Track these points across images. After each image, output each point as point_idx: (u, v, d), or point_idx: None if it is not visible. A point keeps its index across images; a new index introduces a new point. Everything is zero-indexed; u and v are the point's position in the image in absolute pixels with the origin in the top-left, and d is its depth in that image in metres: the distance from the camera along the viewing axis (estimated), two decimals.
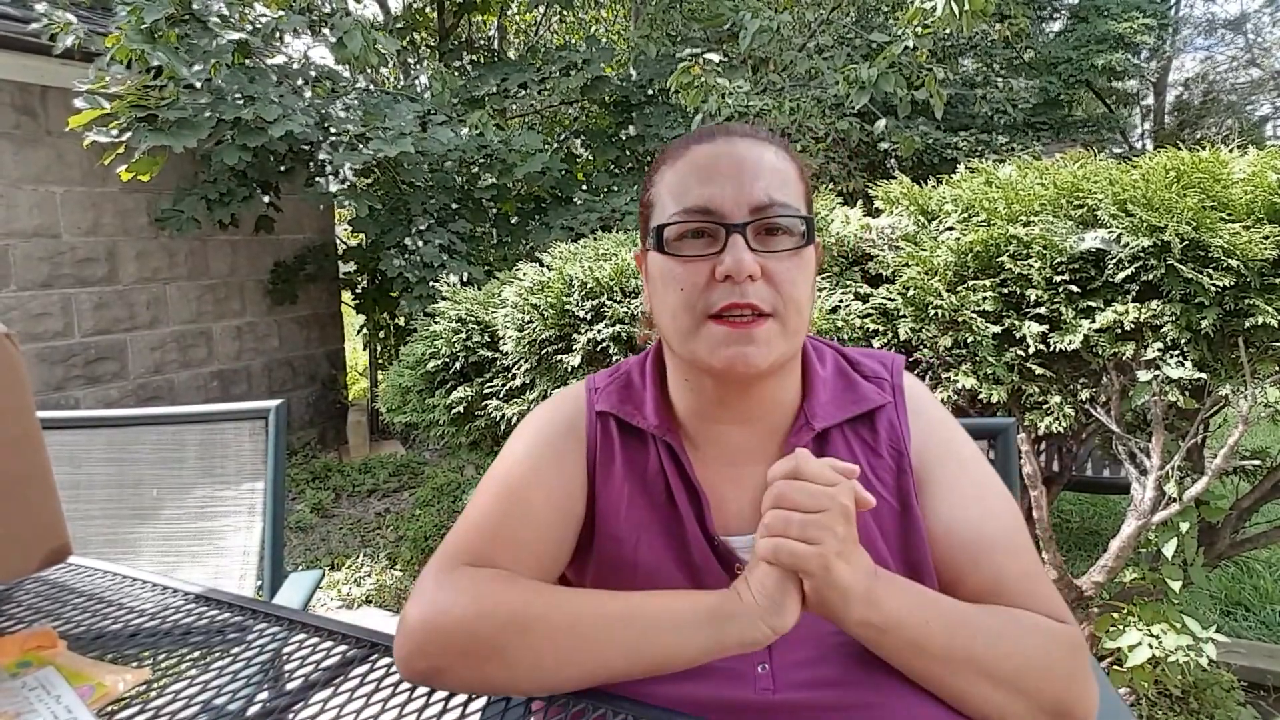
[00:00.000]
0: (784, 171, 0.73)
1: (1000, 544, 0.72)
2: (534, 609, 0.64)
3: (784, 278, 0.70)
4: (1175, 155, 1.58)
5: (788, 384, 0.78)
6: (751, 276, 0.69)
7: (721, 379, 0.74)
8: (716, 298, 0.70)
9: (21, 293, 3.93)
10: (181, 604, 0.87)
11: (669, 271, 0.73)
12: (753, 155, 0.73)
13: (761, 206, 0.70)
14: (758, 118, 4.04)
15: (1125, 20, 8.68)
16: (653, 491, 0.77)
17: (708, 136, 0.75)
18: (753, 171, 0.71)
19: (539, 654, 0.62)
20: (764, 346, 0.70)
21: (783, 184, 0.72)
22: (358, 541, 3.77)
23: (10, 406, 0.77)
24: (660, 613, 0.64)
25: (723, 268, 0.69)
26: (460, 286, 2.69)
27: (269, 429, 1.42)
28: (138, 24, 3.26)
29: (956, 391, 1.67)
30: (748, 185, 0.71)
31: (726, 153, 0.73)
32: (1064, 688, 0.65)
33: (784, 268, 0.70)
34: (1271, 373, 1.52)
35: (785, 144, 0.77)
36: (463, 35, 7.11)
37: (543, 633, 0.63)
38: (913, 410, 0.79)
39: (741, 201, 0.70)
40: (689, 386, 0.78)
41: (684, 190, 0.73)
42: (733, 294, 0.69)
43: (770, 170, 0.72)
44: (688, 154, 0.75)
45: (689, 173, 0.73)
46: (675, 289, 0.72)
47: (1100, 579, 1.82)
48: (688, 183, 0.73)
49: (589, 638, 0.62)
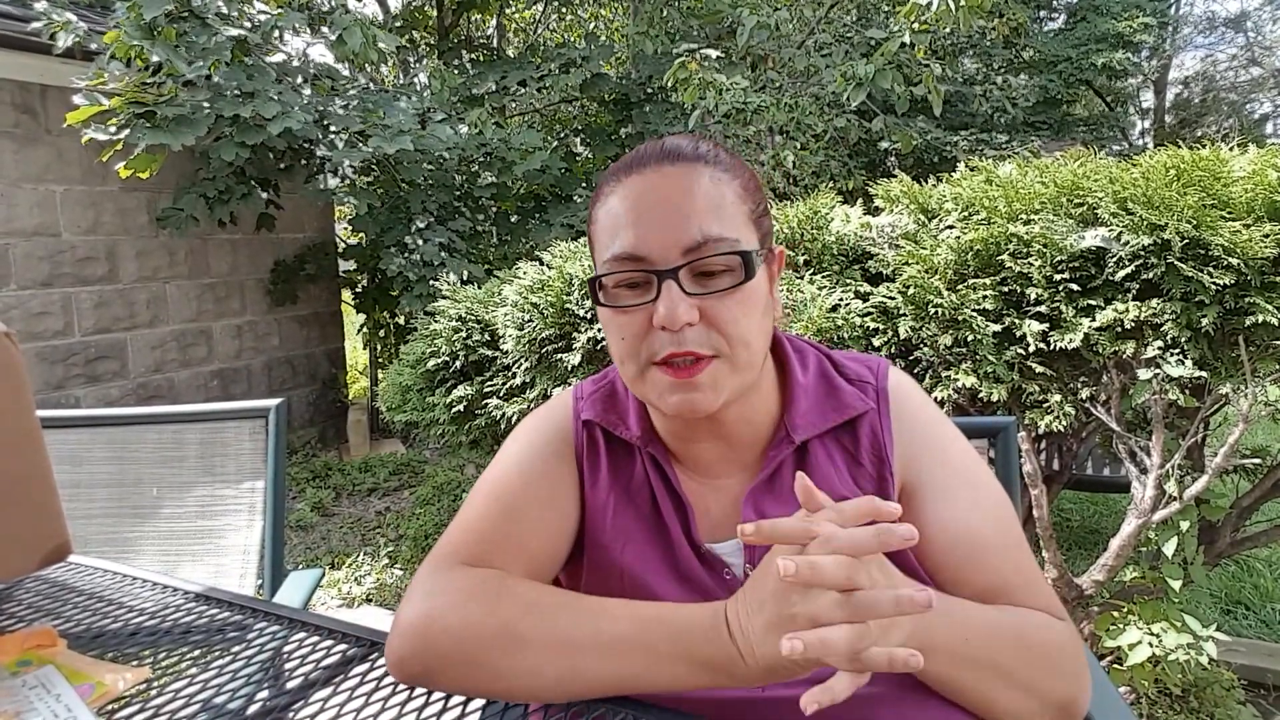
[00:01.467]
0: (719, 198, 0.68)
1: (997, 544, 0.71)
2: (525, 624, 0.63)
3: (724, 318, 0.67)
4: (1175, 153, 1.58)
5: (759, 402, 0.76)
6: (691, 323, 0.66)
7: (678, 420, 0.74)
8: (657, 346, 0.67)
9: (21, 292, 3.92)
10: (181, 603, 0.87)
11: (610, 320, 0.71)
12: (682, 186, 0.68)
13: (694, 246, 0.66)
14: (755, 114, 4.04)
15: (1125, 19, 8.68)
16: (638, 500, 0.77)
17: (638, 164, 0.71)
18: (684, 209, 0.67)
19: (527, 670, 0.61)
20: (710, 391, 0.68)
21: (718, 215, 0.68)
22: (358, 540, 3.77)
23: (10, 406, 0.76)
24: (658, 646, 0.60)
25: (657, 318, 0.66)
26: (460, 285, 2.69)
27: (269, 428, 1.42)
28: (137, 20, 3.26)
29: (956, 390, 1.67)
30: (678, 225, 0.67)
31: (655, 186, 0.69)
32: (1070, 684, 0.66)
33: (724, 307, 0.67)
34: (1272, 371, 1.52)
35: (725, 157, 0.73)
36: (462, 33, 7.10)
37: (533, 650, 0.62)
38: (896, 415, 0.77)
39: (670, 244, 0.67)
40: (657, 414, 0.78)
41: (614, 233, 0.69)
42: (671, 342, 0.66)
43: (703, 203, 0.68)
44: (619, 188, 0.71)
45: (620, 212, 0.69)
46: (617, 338, 0.70)
47: (1101, 578, 1.82)
48: (618, 224, 0.69)
49: (580, 662, 0.61)
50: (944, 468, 0.76)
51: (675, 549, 0.75)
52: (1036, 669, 0.65)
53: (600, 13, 9.02)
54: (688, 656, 0.59)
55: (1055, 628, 0.68)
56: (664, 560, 0.75)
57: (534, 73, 5.24)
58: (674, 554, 0.75)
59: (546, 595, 0.67)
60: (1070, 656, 0.67)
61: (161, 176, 4.12)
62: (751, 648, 0.57)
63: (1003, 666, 0.63)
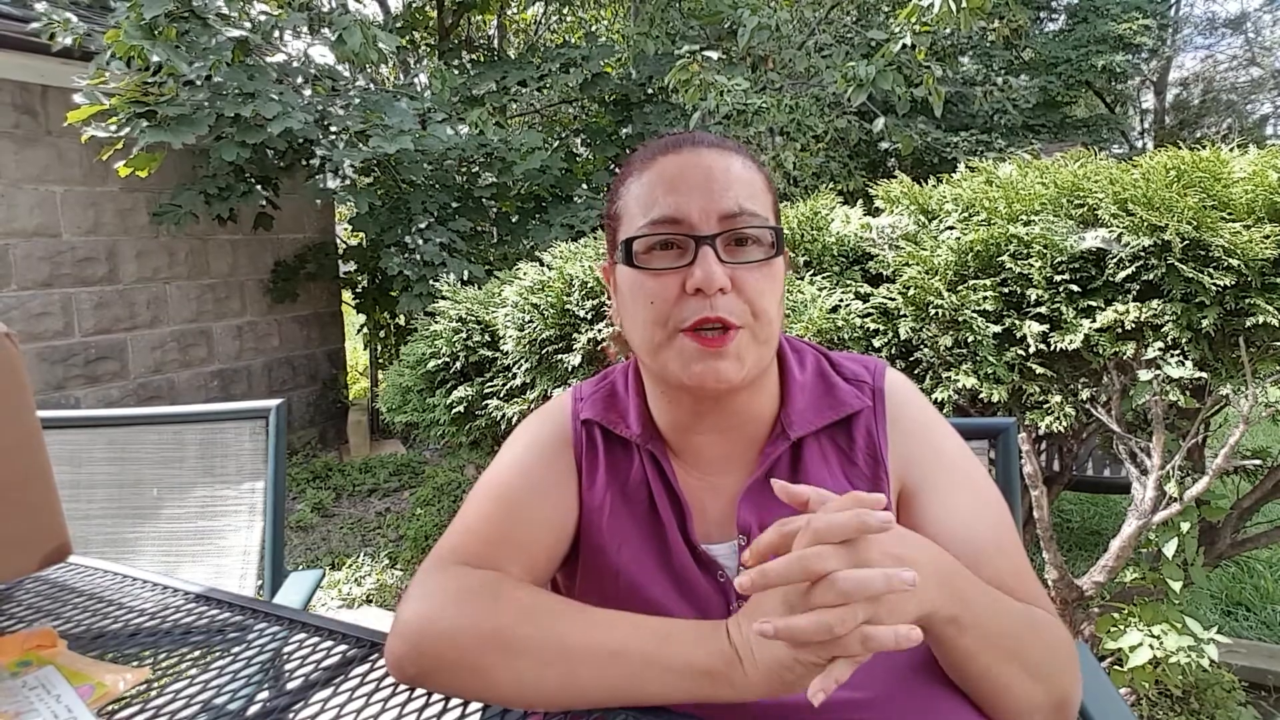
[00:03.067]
0: (752, 181, 0.72)
1: (993, 544, 0.72)
2: (521, 630, 0.62)
3: (754, 289, 0.69)
4: (1175, 154, 1.58)
5: (763, 394, 0.77)
6: (723, 289, 0.68)
7: (695, 394, 0.73)
8: (688, 312, 0.69)
9: (22, 292, 3.92)
10: (182, 603, 0.87)
11: (639, 285, 0.72)
12: (720, 164, 0.71)
13: (731, 215, 0.69)
14: (756, 115, 4.04)
15: (1125, 21, 8.68)
16: (635, 500, 0.78)
17: (674, 146, 0.74)
18: (722, 181, 0.70)
19: (521, 677, 0.61)
20: (735, 361, 0.69)
21: (751, 193, 0.71)
22: (358, 541, 3.77)
23: (10, 406, 0.76)
24: (654, 655, 0.60)
25: (693, 281, 0.67)
26: (460, 286, 2.69)
27: (269, 428, 1.42)
28: (137, 20, 3.26)
29: (957, 391, 1.67)
30: (717, 195, 0.69)
31: (694, 162, 0.71)
32: (1070, 681, 0.67)
33: (754, 279, 0.69)
34: (1272, 372, 1.52)
35: (750, 153, 0.77)
36: (462, 34, 7.10)
37: (528, 656, 0.61)
38: (893, 416, 0.78)
39: (710, 211, 0.69)
40: (664, 399, 0.78)
41: (651, 202, 0.71)
42: (703, 308, 0.68)
43: (739, 179, 0.71)
44: (654, 165, 0.73)
45: (656, 184, 0.72)
46: (645, 303, 0.71)
47: (1101, 579, 1.82)
48: (655, 194, 0.71)
49: (575, 670, 0.60)
50: (941, 469, 0.76)
51: (671, 549, 0.75)
52: (1048, 658, 0.65)
53: (600, 13, 9.02)
54: (687, 666, 0.59)
55: (1057, 623, 0.69)
56: (659, 562, 0.75)
57: (534, 73, 5.24)
58: (669, 555, 0.75)
59: (545, 601, 0.66)
60: (1069, 655, 0.68)
61: (161, 177, 4.12)
62: (751, 652, 0.57)
63: (1022, 650, 0.64)
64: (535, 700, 0.62)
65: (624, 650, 0.61)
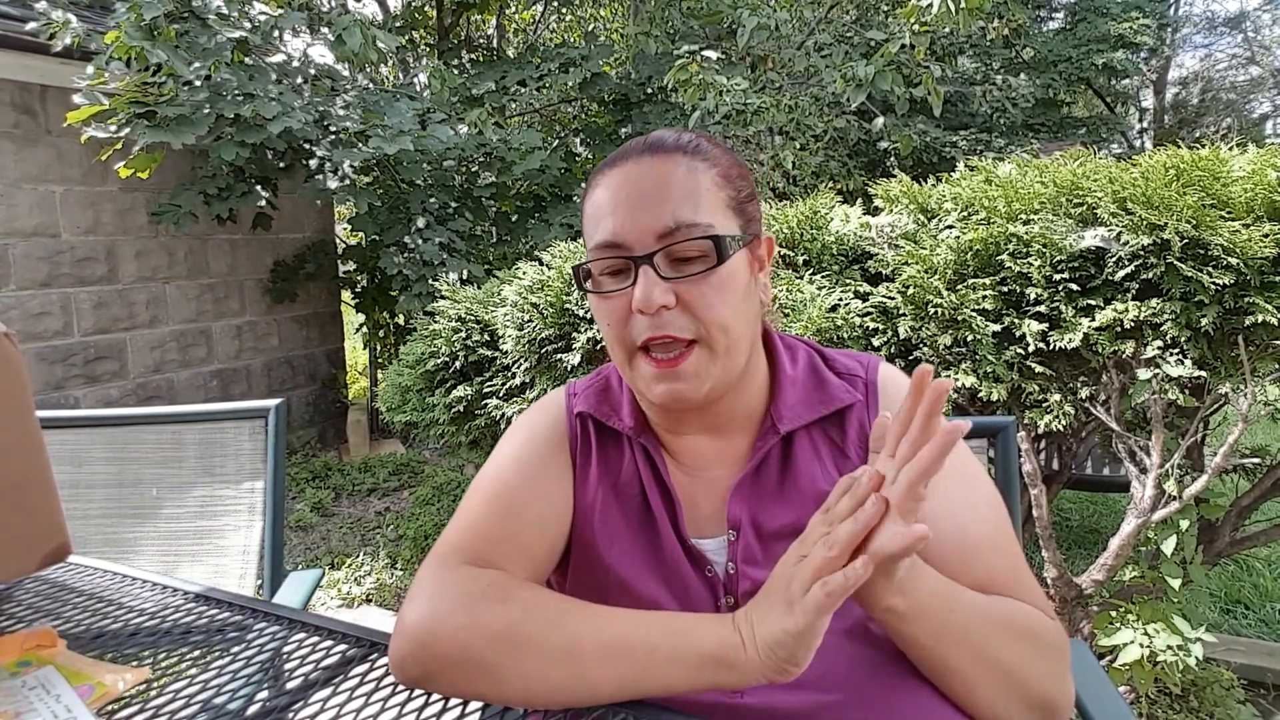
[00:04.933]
0: (693, 189, 0.71)
1: (989, 542, 0.71)
2: (528, 627, 0.63)
3: (700, 302, 0.69)
4: (1175, 153, 1.58)
5: (748, 392, 0.78)
6: (666, 306, 0.68)
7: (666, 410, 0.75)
8: (637, 332, 0.70)
9: (21, 292, 3.92)
10: (181, 603, 0.87)
11: (597, 308, 0.74)
12: (659, 176, 0.71)
13: (667, 232, 0.69)
14: (756, 115, 4.04)
15: (1124, 20, 8.68)
16: (627, 493, 0.78)
17: (621, 158, 0.74)
18: (657, 196, 0.70)
19: (529, 675, 0.61)
20: (693, 380, 0.70)
21: (692, 203, 0.70)
22: (358, 540, 3.77)
23: (10, 406, 0.76)
24: (660, 645, 0.61)
25: (634, 303, 0.69)
26: (460, 285, 2.69)
27: (269, 428, 1.42)
28: (137, 21, 3.26)
29: (956, 390, 1.67)
30: (651, 212, 0.69)
31: (635, 176, 0.71)
32: (1054, 684, 0.65)
33: (698, 292, 0.69)
34: (1271, 370, 1.52)
35: (706, 146, 0.75)
36: (462, 34, 7.10)
37: (536, 654, 0.61)
38: (887, 410, 0.77)
39: (647, 230, 0.69)
40: (650, 407, 0.79)
41: (596, 223, 0.73)
42: (650, 326, 0.69)
43: (678, 190, 0.70)
44: (602, 180, 0.74)
45: (601, 203, 0.73)
46: (605, 325, 0.74)
47: (1100, 577, 1.82)
48: (599, 214, 0.72)
49: (583, 666, 0.61)
50: None
51: (662, 544, 0.75)
52: (1020, 656, 0.64)
53: (600, 13, 9.02)
54: (689, 652, 0.60)
55: (1044, 623, 0.67)
56: (650, 556, 0.76)
57: (533, 73, 5.24)
58: (660, 549, 0.75)
59: (551, 600, 0.67)
60: (1055, 656, 0.66)
61: (161, 177, 4.11)
62: (753, 629, 0.58)
63: (987, 648, 0.63)
64: (541, 698, 0.62)
65: (633, 644, 0.61)
